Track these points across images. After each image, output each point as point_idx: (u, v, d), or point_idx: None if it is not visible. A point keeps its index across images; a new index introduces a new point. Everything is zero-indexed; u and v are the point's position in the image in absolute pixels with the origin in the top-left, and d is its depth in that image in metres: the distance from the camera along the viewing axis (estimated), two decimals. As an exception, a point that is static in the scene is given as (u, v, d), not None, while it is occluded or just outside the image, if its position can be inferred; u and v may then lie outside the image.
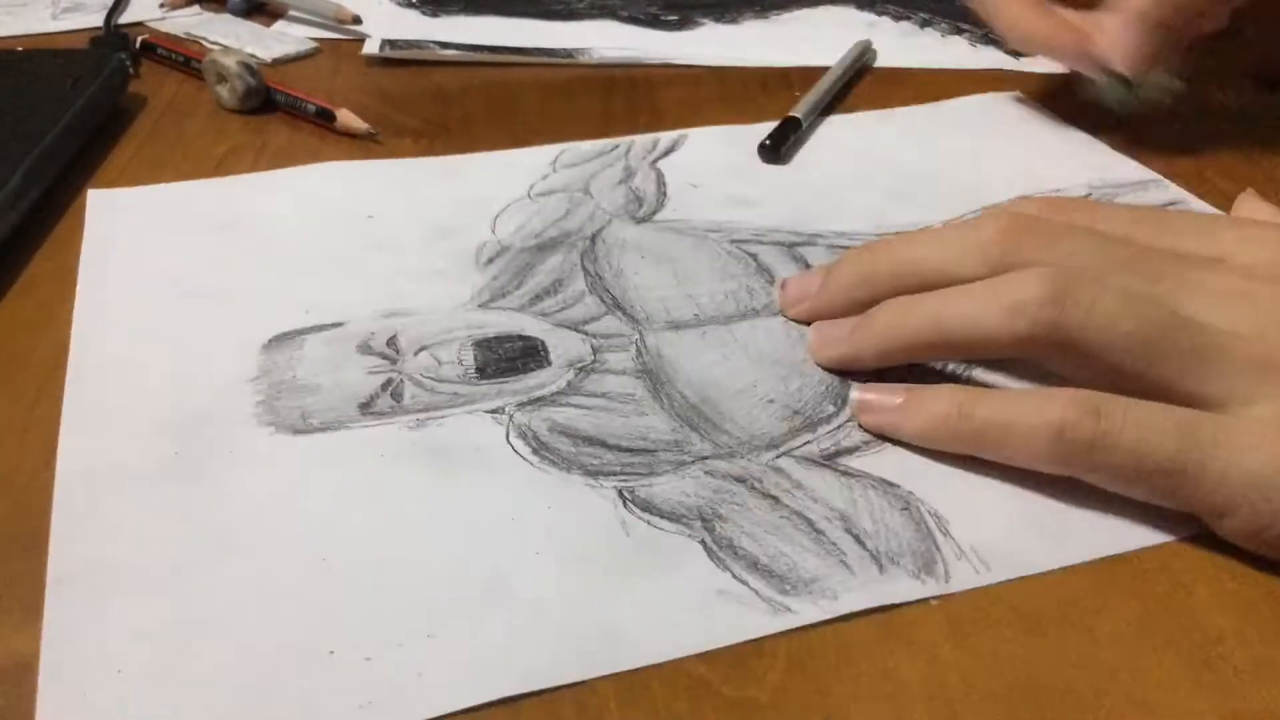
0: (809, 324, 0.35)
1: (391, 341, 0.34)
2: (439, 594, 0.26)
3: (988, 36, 0.58)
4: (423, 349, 0.34)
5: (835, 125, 0.50)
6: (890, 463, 0.30)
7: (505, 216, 0.41)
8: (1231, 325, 0.28)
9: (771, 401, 0.32)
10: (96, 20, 0.60)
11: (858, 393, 0.31)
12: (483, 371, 0.33)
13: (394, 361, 0.33)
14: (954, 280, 0.31)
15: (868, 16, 0.62)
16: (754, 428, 0.31)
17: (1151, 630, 0.26)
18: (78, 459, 0.30)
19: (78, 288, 0.37)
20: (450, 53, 0.56)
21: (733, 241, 0.40)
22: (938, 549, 0.27)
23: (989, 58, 0.56)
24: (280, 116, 0.50)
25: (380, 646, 0.25)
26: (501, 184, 0.44)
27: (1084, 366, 0.29)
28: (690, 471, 0.30)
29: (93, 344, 0.34)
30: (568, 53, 0.57)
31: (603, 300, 0.36)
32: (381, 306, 0.36)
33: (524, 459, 0.30)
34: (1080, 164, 0.46)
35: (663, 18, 0.61)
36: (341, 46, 0.59)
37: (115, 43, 0.56)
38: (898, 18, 0.62)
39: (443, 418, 0.31)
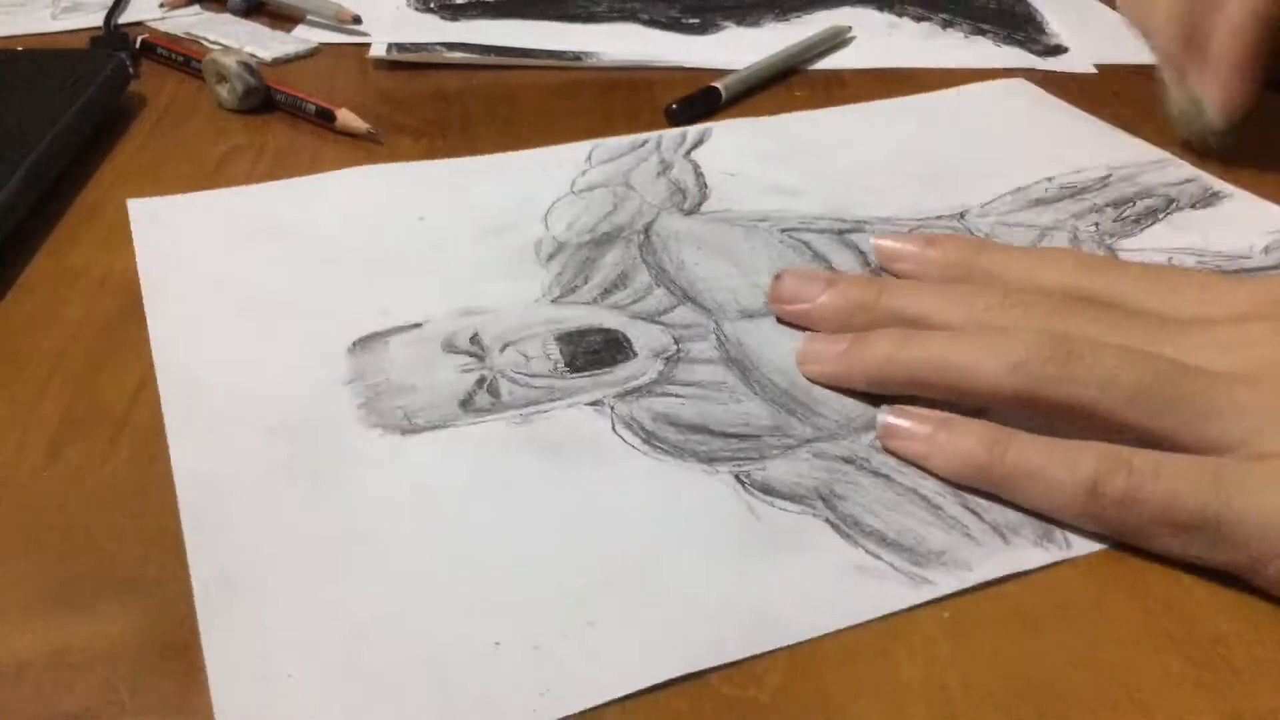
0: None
1: (474, 339, 0.35)
2: (591, 582, 0.26)
3: (1011, 36, 0.58)
4: (507, 345, 0.34)
5: (858, 114, 0.50)
6: None
7: (555, 213, 0.42)
8: (1231, 369, 0.28)
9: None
10: (96, 20, 0.60)
11: (887, 417, 0.31)
12: (572, 365, 0.34)
13: (482, 359, 0.34)
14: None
15: (888, 18, 0.62)
16: (846, 410, 0.32)
17: (1151, 630, 0.26)
18: (192, 465, 0.30)
19: (145, 297, 0.37)
20: (457, 55, 0.56)
21: (783, 230, 0.41)
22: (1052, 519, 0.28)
23: (1013, 57, 0.57)
24: (280, 116, 0.50)
25: (545, 636, 0.25)
26: (542, 181, 0.44)
27: (1087, 425, 0.28)
28: (799, 454, 0.30)
29: (177, 353, 0.34)
30: (575, 55, 0.57)
31: (672, 292, 0.37)
32: (455, 305, 0.36)
33: (635, 449, 0.31)
34: (1100, 145, 0.47)
35: (684, 21, 0.61)
36: (341, 46, 0.59)
37: (115, 43, 0.56)
38: (919, 19, 0.62)
39: (546, 412, 0.32)
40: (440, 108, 0.52)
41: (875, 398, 0.32)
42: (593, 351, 0.34)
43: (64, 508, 0.29)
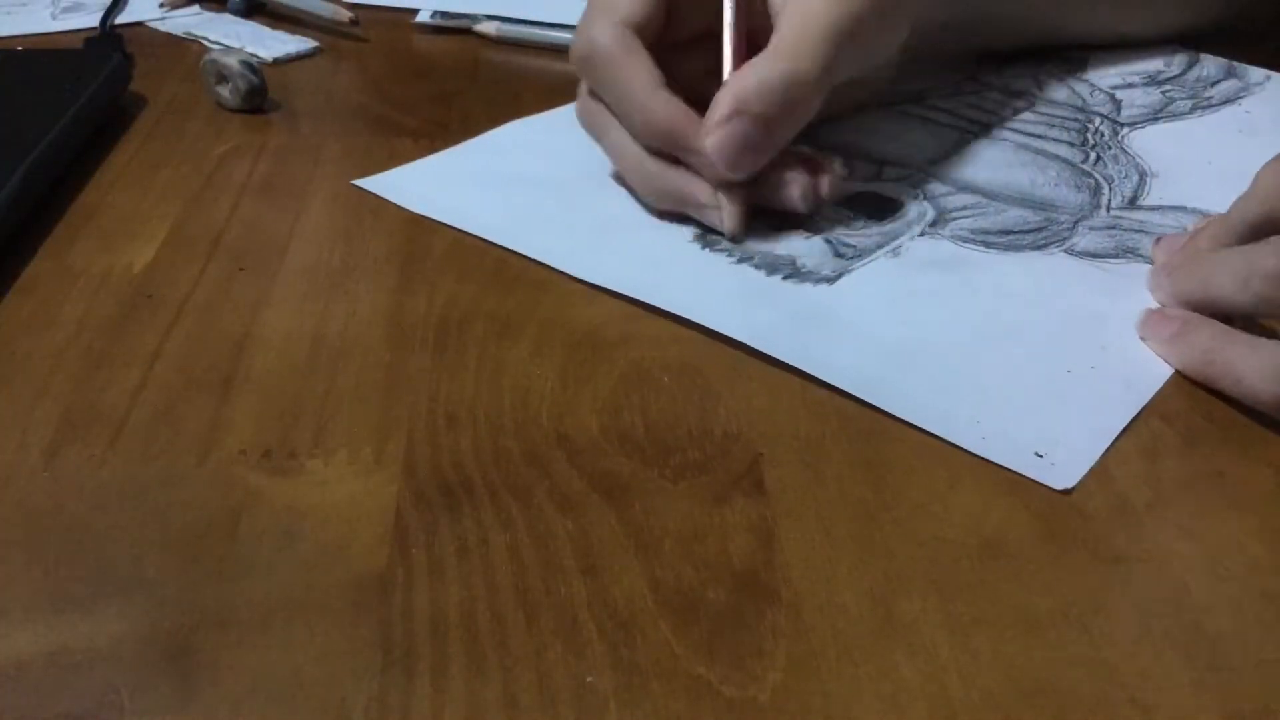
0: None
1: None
2: (1071, 333, 0.36)
3: None
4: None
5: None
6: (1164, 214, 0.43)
7: None
8: None
9: (1058, 185, 0.44)
10: (97, 20, 0.60)
11: (1144, 314, 0.36)
12: (869, 216, 0.42)
13: (811, 230, 0.41)
14: None
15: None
16: (1073, 201, 0.43)
17: (1151, 630, 0.26)
18: (727, 323, 0.35)
19: (489, 238, 0.40)
20: (494, 25, 0.59)
21: (880, 106, 0.50)
22: None
23: None
24: (280, 116, 0.50)
25: (1096, 361, 0.34)
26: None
27: None
28: (1080, 232, 0.41)
29: (592, 266, 0.39)
30: None
31: (869, 160, 0.45)
32: None
33: (985, 252, 0.39)
34: (1134, 54, 0.56)
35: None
36: (341, 46, 0.59)
37: (110, 43, 0.56)
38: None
39: (899, 247, 0.40)
40: (440, 108, 0.52)
41: (1078, 186, 0.44)
42: (875, 207, 0.42)
43: (64, 508, 0.29)
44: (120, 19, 0.61)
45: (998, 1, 0.53)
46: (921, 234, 0.40)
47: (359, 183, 0.44)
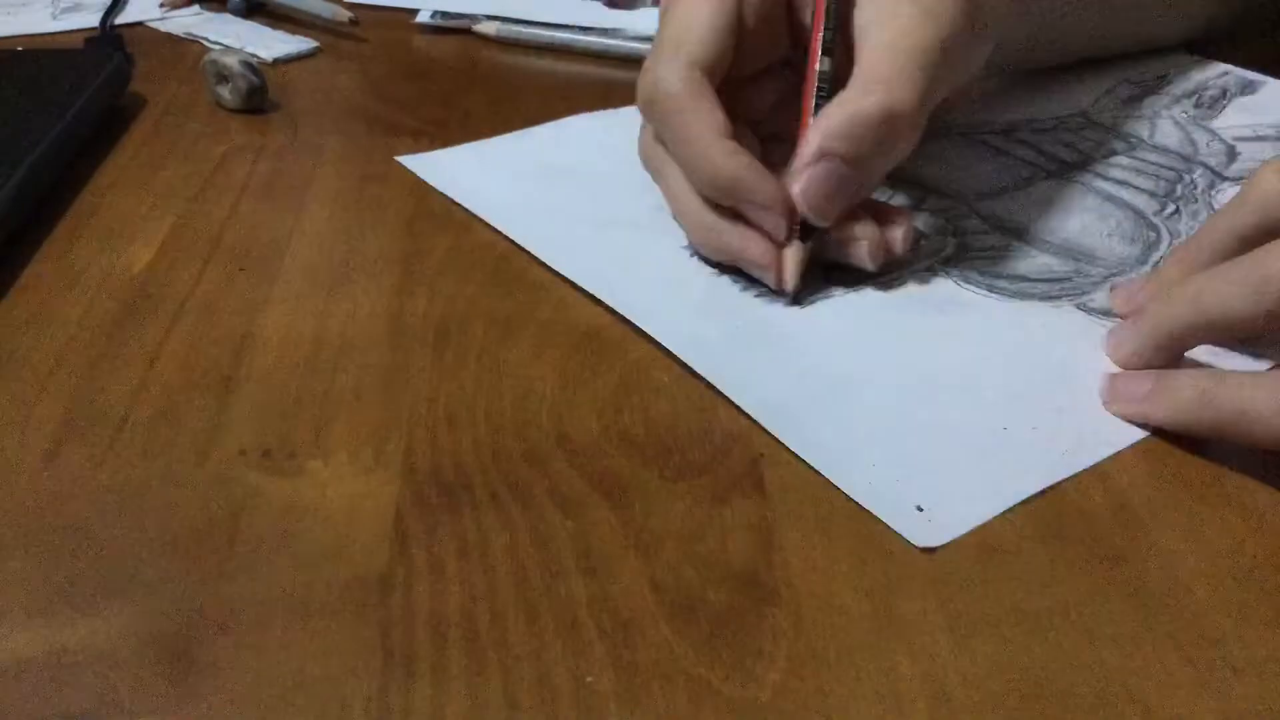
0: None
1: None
2: (1034, 389, 0.33)
3: None
4: None
5: None
6: None
7: None
8: None
9: (1110, 235, 0.41)
10: (97, 20, 0.60)
11: (1106, 382, 0.33)
12: None
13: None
14: None
15: None
16: (1118, 254, 0.40)
17: (1151, 630, 0.26)
18: (661, 326, 0.35)
19: (485, 218, 0.42)
20: (494, 25, 0.59)
21: (959, 134, 0.48)
22: None
23: None
24: (280, 116, 0.50)
25: (1038, 422, 0.32)
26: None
27: None
28: (1105, 287, 0.38)
29: (578, 263, 0.39)
30: (603, 31, 0.59)
31: (913, 187, 0.44)
32: None
33: (985, 296, 0.37)
34: (1139, 56, 0.55)
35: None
36: (341, 46, 0.59)
37: (110, 43, 0.56)
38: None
39: (896, 280, 0.38)
40: (440, 108, 0.52)
41: (1128, 237, 0.40)
42: None
43: (64, 508, 0.29)
44: (120, 19, 0.61)
45: (1075, 12, 0.50)
46: (928, 269, 0.39)
47: (402, 159, 0.46)
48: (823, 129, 0.35)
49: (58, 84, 0.47)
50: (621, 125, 0.47)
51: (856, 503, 0.29)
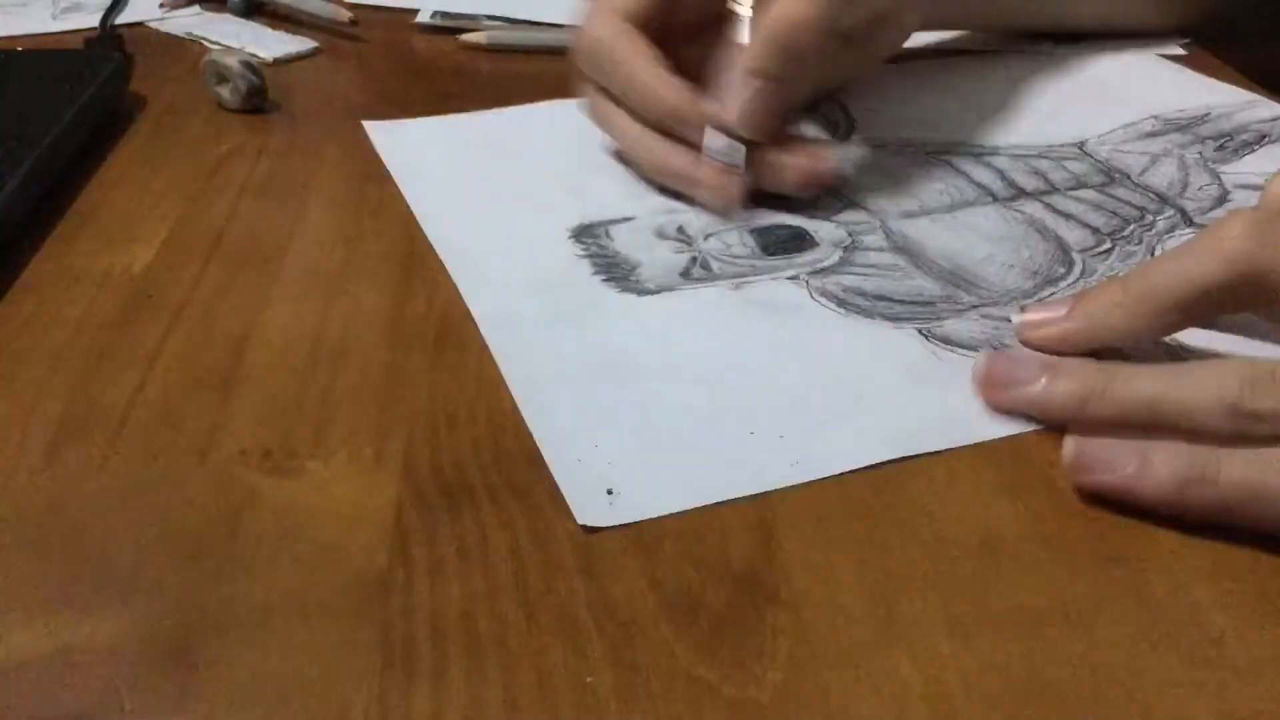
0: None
1: (680, 230, 0.42)
2: (814, 399, 0.33)
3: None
4: (709, 235, 0.41)
5: (980, 62, 0.57)
6: None
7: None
8: None
9: (1012, 267, 0.40)
10: (97, 20, 0.60)
11: (1072, 448, 0.29)
12: (767, 249, 0.40)
13: (690, 244, 0.41)
14: (1201, 291, 0.30)
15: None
16: (1006, 284, 0.39)
17: (1151, 630, 0.26)
18: (486, 307, 0.37)
19: (408, 197, 0.44)
20: (496, 25, 0.59)
21: (927, 153, 0.48)
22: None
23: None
24: (280, 116, 0.50)
25: (787, 430, 0.32)
26: None
27: None
28: (968, 316, 0.37)
29: (448, 236, 0.41)
30: None
31: (837, 198, 0.44)
32: (657, 205, 0.43)
33: (832, 310, 0.37)
34: (1199, 90, 0.53)
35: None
36: (341, 46, 0.59)
37: (110, 43, 0.56)
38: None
39: (753, 282, 0.39)
40: (439, 108, 0.52)
41: (1029, 270, 0.39)
42: (783, 240, 0.41)
43: (64, 508, 0.29)
44: (120, 19, 0.61)
45: None
46: (793, 278, 0.39)
47: (366, 124, 0.49)
48: (746, 55, 0.40)
49: (58, 84, 0.47)
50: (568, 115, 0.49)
51: (856, 502, 0.29)
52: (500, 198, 0.44)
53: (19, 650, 0.25)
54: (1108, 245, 0.41)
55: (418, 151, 0.48)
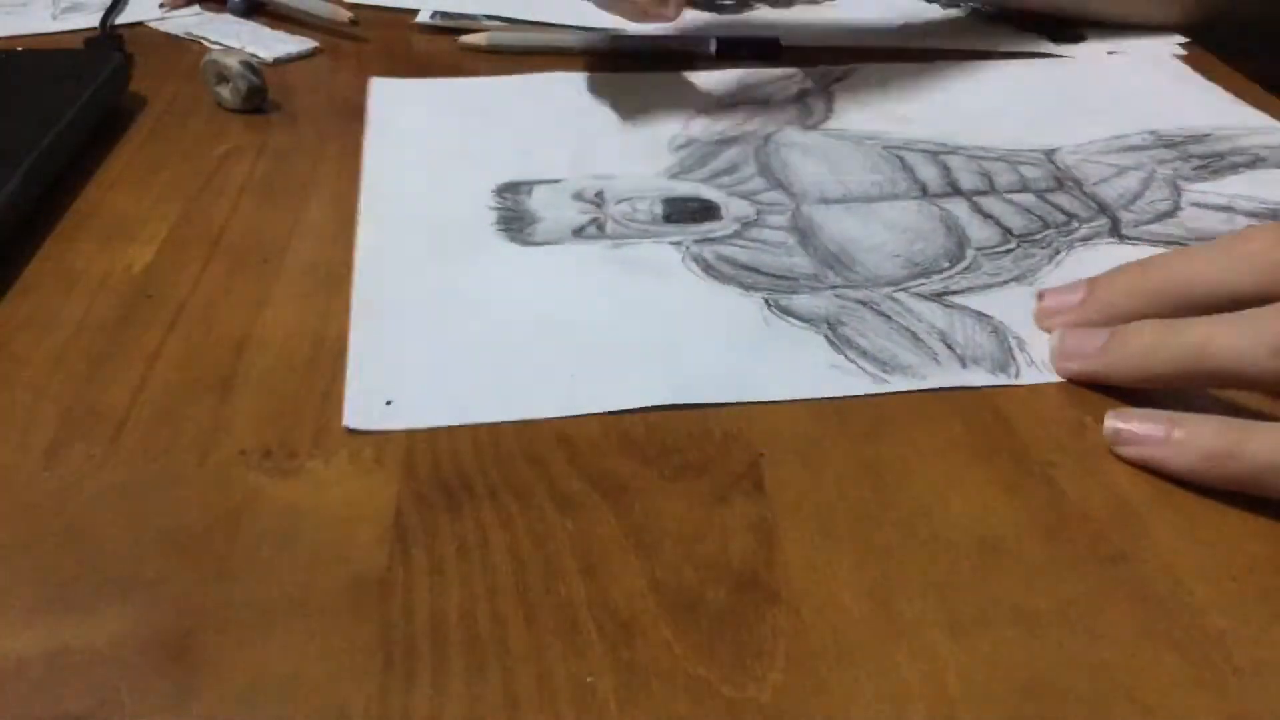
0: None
1: (599, 194, 0.44)
2: (632, 344, 0.35)
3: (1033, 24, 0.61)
4: (623, 200, 0.44)
5: (990, 67, 0.57)
6: (988, 301, 0.37)
7: (696, 121, 0.51)
8: None
9: (897, 256, 0.40)
10: (97, 20, 0.60)
11: (1115, 422, 0.30)
12: (668, 218, 0.42)
13: (599, 207, 0.43)
14: (1226, 294, 0.30)
15: (919, 4, 0.64)
16: (879, 271, 0.39)
17: (1151, 630, 0.26)
18: (371, 240, 0.40)
19: (365, 146, 0.47)
20: (496, 26, 0.60)
21: (885, 147, 0.48)
22: (1013, 358, 0.34)
23: (1032, 42, 0.59)
24: (280, 116, 0.50)
25: (583, 368, 0.34)
26: (687, 95, 0.53)
27: None
28: (823, 294, 0.38)
29: (380, 177, 0.45)
30: (605, 31, 0.59)
31: (767, 179, 0.45)
32: (591, 171, 0.46)
33: (694, 273, 0.39)
34: (1211, 108, 0.52)
35: (719, 2, 0.65)
36: (341, 46, 0.59)
37: (110, 43, 0.56)
38: (947, 4, 0.64)
39: (635, 244, 0.41)
40: (440, 108, 0.52)
41: (912, 260, 0.40)
42: (689, 212, 0.43)
43: (64, 508, 0.29)
44: (120, 19, 0.61)
45: None
46: (677, 243, 0.40)
47: (373, 81, 0.53)
48: None
49: (58, 84, 0.47)
50: (604, 86, 0.53)
51: (856, 502, 0.29)
52: (451, 154, 0.47)
53: (19, 650, 0.25)
54: (1010, 246, 0.41)
55: (401, 108, 0.51)
